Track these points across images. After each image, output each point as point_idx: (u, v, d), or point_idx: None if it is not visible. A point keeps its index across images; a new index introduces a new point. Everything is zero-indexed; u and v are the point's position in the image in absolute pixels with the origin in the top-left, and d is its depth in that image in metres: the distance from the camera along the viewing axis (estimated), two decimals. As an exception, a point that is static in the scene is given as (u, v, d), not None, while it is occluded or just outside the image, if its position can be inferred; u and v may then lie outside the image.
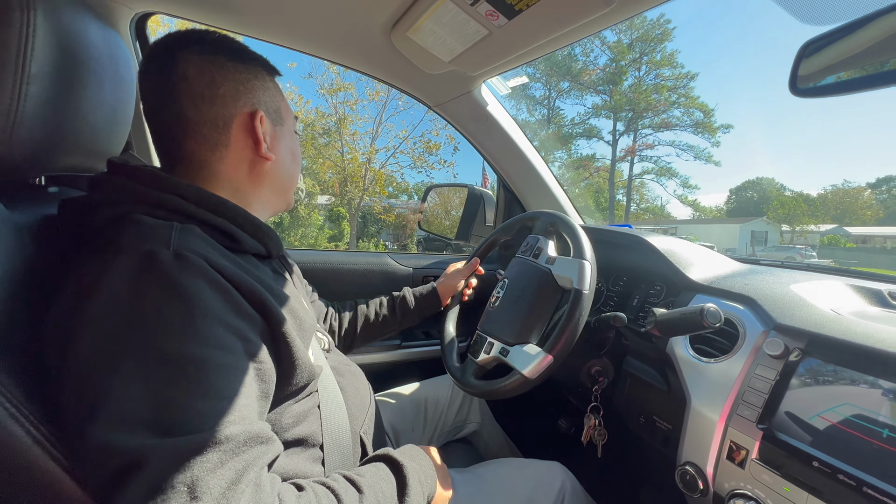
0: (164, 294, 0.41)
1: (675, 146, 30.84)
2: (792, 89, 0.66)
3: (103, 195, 0.50)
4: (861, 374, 0.55)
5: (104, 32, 0.61)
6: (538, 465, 0.87)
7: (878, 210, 42.67)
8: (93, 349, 0.39)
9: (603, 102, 31.94)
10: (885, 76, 0.56)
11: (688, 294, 0.87)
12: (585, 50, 30.69)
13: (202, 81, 0.56)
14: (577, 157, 36.51)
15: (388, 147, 14.99)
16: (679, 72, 28.65)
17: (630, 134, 32.01)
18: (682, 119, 29.82)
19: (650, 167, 32.76)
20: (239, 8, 0.90)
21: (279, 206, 0.70)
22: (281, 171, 0.66)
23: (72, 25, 0.52)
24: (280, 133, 0.65)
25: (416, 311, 1.07)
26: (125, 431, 0.36)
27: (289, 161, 0.68)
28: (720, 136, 29.24)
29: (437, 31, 0.88)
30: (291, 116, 0.69)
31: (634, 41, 29.13)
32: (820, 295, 0.74)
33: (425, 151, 14.42)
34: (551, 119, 34.14)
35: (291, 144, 0.68)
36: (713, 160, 30.16)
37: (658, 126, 30.70)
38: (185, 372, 0.39)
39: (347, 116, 13.99)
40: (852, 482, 0.50)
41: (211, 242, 0.50)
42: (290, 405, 0.56)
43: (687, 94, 29.00)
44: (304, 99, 13.70)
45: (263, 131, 0.60)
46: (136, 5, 0.88)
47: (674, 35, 27.77)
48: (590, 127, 33.71)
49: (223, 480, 0.37)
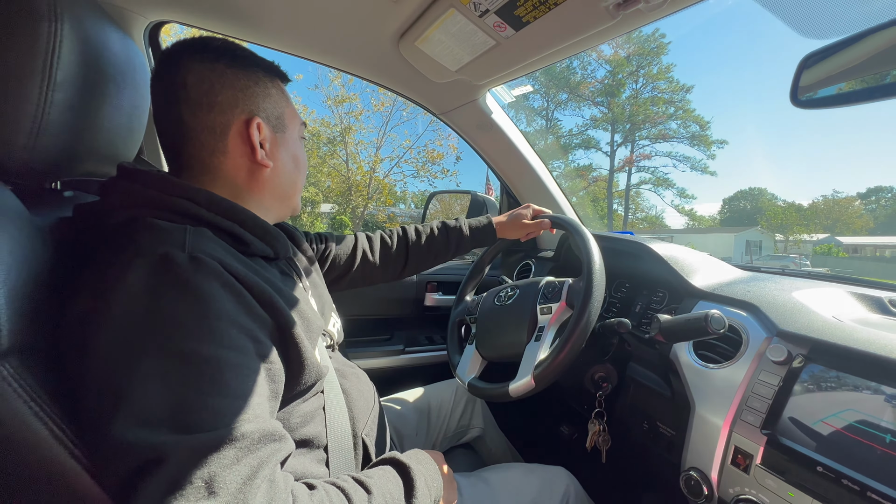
0: (181, 295, 0.42)
1: (671, 157, 31.36)
2: (793, 100, 0.68)
3: (115, 200, 0.51)
4: (864, 380, 0.56)
5: (122, 41, 0.62)
6: (543, 469, 0.87)
7: (867, 220, 43.30)
8: (112, 349, 0.39)
9: (601, 114, 32.45)
10: (884, 88, 0.57)
11: (690, 301, 0.88)
12: (584, 63, 31.30)
13: (201, 89, 0.56)
14: (575, 168, 36.85)
15: (391, 157, 15.27)
16: (675, 84, 29.21)
17: (628, 145, 32.46)
18: (679, 131, 30.38)
19: (647, 177, 33.22)
20: (250, 17, 0.92)
21: (283, 211, 0.70)
22: (282, 178, 0.66)
23: (94, 35, 0.53)
24: (282, 139, 0.64)
25: (469, 241, 1.06)
26: (145, 429, 0.36)
27: (290, 168, 0.67)
28: (715, 149, 29.76)
29: (445, 42, 0.90)
30: (297, 123, 0.69)
31: (631, 54, 29.69)
32: (822, 302, 0.75)
33: (428, 161, 14.65)
34: (549, 130, 34.56)
35: (295, 151, 0.68)
36: (709, 171, 30.65)
37: (655, 137, 31.20)
38: (202, 371, 0.40)
39: (352, 127, 14.27)
40: (856, 487, 0.50)
41: (223, 245, 0.51)
42: (299, 404, 0.57)
43: (684, 107, 29.59)
44: (309, 109, 14.01)
45: (261, 138, 0.60)
46: (150, 14, 0.89)
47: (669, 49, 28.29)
48: (587, 138, 34.20)
49: (239, 476, 0.37)
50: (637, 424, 0.88)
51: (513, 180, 1.49)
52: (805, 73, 0.66)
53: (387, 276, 1.03)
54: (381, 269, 1.01)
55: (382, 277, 1.03)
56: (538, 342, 0.80)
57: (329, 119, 14.56)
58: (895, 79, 0.56)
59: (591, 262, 0.79)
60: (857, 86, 0.61)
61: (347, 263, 0.96)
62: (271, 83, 0.64)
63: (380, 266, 1.00)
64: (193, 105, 0.56)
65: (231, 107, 0.58)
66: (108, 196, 0.52)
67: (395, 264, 1.03)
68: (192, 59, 0.57)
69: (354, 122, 14.42)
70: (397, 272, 1.04)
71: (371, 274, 1.00)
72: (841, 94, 0.62)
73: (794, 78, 0.67)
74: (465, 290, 1.14)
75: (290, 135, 0.66)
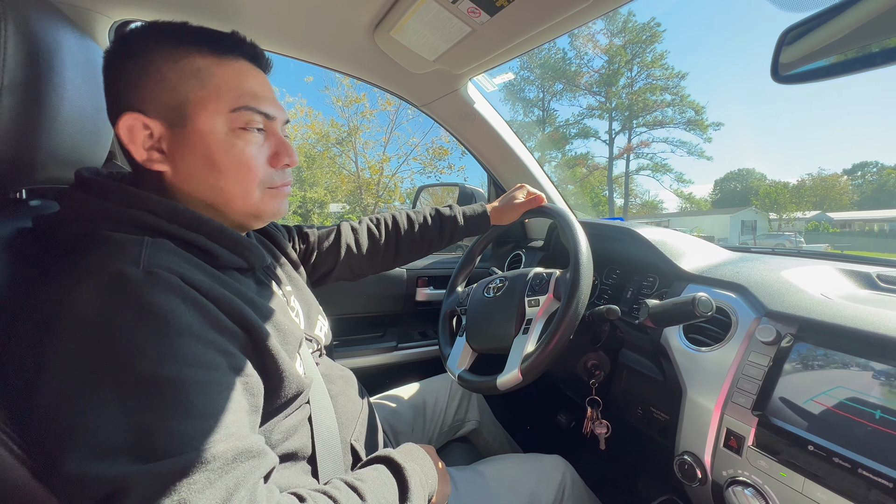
0: (135, 314, 0.39)
1: (668, 142, 31.97)
2: (774, 77, 0.66)
3: (68, 212, 0.48)
4: (853, 357, 0.56)
5: (80, 41, 0.60)
6: (539, 458, 0.87)
7: (853, 195, 43.89)
8: (63, 377, 0.37)
9: (598, 103, 32.88)
10: (866, 59, 0.56)
11: (680, 284, 0.87)
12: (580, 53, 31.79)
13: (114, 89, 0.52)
14: (572, 156, 37.12)
15: (399, 154, 15.48)
16: (670, 72, 29.62)
17: (625, 132, 32.91)
18: (675, 117, 30.83)
19: (646, 163, 33.70)
20: (219, 14, 0.89)
21: (236, 220, 0.58)
22: (192, 185, 0.53)
23: (45, 35, 0.51)
24: (184, 135, 0.51)
25: (463, 230, 1.01)
26: (103, 460, 0.34)
27: (200, 171, 0.53)
28: (711, 132, 30.33)
29: (421, 30, 0.88)
30: (224, 111, 0.52)
31: (626, 43, 29.95)
32: (810, 280, 0.75)
33: (434, 157, 14.80)
34: (546, 120, 34.81)
35: (206, 150, 0.52)
36: (705, 155, 31.22)
37: (652, 124, 31.65)
38: (163, 394, 0.38)
39: (360, 127, 14.70)
40: (847, 465, 0.50)
41: (186, 257, 0.48)
42: (280, 421, 0.54)
43: (679, 93, 30.08)
44: (315, 111, 14.50)
45: (142, 138, 0.51)
46: (114, 13, 0.86)
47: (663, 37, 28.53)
48: (584, 127, 34.58)
49: (213, 500, 0.36)
50: (631, 410, 0.88)
51: (499, 170, 1.47)
52: (785, 49, 0.65)
53: (375, 267, 0.97)
54: (368, 260, 0.94)
55: (371, 269, 0.97)
56: (525, 335, 0.79)
57: (338, 120, 15.00)
58: (879, 47, 0.55)
59: (577, 253, 0.77)
60: (839, 58, 0.59)
61: (332, 259, 0.90)
62: (169, 63, 0.51)
63: (367, 257, 0.94)
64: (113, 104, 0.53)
65: (115, 105, 0.52)
66: (62, 207, 0.49)
67: (386, 255, 0.96)
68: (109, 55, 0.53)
69: (363, 121, 14.81)
70: (389, 262, 0.98)
71: (359, 267, 0.94)
72: (823, 67, 0.60)
73: (774, 54, 0.66)
74: (456, 280, 1.12)
75: (201, 127, 0.51)
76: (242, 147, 0.54)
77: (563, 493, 0.81)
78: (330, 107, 17.59)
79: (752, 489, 0.60)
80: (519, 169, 1.42)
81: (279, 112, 0.58)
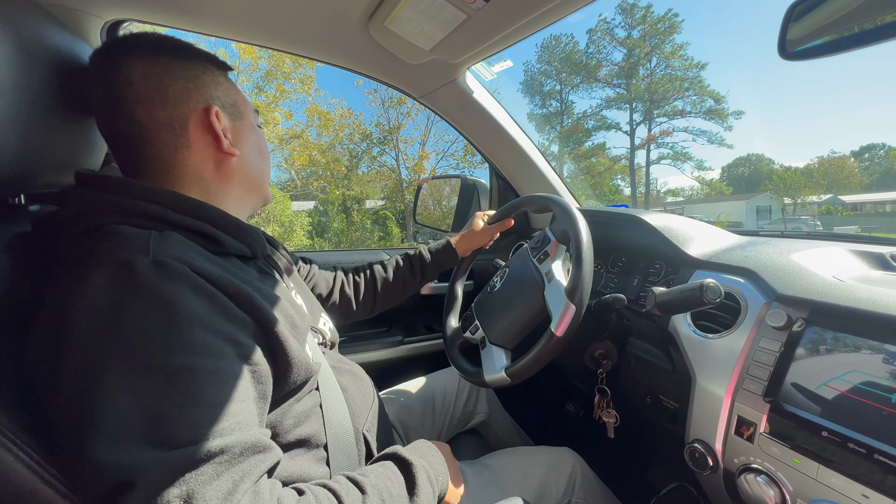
0: (146, 304, 0.40)
1: (688, 132, 32.12)
2: (781, 53, 0.64)
3: (74, 208, 0.48)
4: (866, 340, 0.54)
5: (72, 43, 0.59)
6: (548, 451, 0.87)
7: (862, 177, 43.62)
8: (78, 368, 0.38)
9: (616, 95, 33.01)
10: (876, 32, 0.54)
11: (687, 270, 0.86)
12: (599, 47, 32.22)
13: (149, 84, 0.54)
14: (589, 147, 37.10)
15: (437, 151, 16.12)
16: (689, 62, 29.77)
17: (646, 123, 33.05)
18: (696, 106, 31.01)
19: (666, 153, 33.70)
20: (212, 10, 0.88)
21: (254, 202, 0.69)
22: (249, 167, 0.65)
23: (35, 38, 0.50)
24: (241, 127, 0.64)
25: (432, 266, 1.05)
26: (117, 448, 0.35)
27: (255, 156, 0.67)
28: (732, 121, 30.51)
29: (415, 19, 0.86)
30: (251, 110, 0.68)
31: (645, 35, 30.11)
32: (821, 262, 0.73)
33: (468, 153, 15.23)
34: (564, 112, 35.20)
35: (255, 139, 0.67)
36: (726, 143, 31.34)
37: (672, 114, 31.81)
38: (174, 382, 0.39)
39: (402, 125, 15.32)
40: (863, 450, 0.49)
41: (193, 247, 0.49)
42: (292, 404, 0.56)
43: (699, 83, 30.28)
44: (356, 111, 15.16)
45: (222, 127, 0.59)
46: (104, 13, 0.85)
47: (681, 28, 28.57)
48: (603, 118, 34.80)
49: (220, 492, 0.36)
50: (640, 399, 0.87)
51: (500, 160, 1.46)
52: (792, 25, 0.63)
53: (358, 313, 1.01)
54: (354, 305, 0.99)
55: (354, 315, 1.01)
56: (553, 282, 0.77)
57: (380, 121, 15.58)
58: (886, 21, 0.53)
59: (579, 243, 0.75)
60: (846, 32, 0.57)
61: (327, 294, 0.95)
62: (219, 72, 0.62)
63: (354, 303, 0.99)
64: (146, 102, 0.54)
65: (184, 99, 0.56)
66: (65, 205, 0.49)
67: (366, 302, 1.01)
68: (131, 56, 0.54)
69: (405, 120, 15.34)
70: (368, 309, 1.02)
71: (346, 311, 0.99)
72: (830, 42, 0.59)
73: (781, 30, 0.64)
74: (448, 320, 1.05)
75: (247, 122, 0.66)
76: (265, 138, 0.71)
77: (573, 484, 0.81)
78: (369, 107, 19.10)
79: (765, 476, 0.59)
80: (521, 159, 1.40)
81: None
